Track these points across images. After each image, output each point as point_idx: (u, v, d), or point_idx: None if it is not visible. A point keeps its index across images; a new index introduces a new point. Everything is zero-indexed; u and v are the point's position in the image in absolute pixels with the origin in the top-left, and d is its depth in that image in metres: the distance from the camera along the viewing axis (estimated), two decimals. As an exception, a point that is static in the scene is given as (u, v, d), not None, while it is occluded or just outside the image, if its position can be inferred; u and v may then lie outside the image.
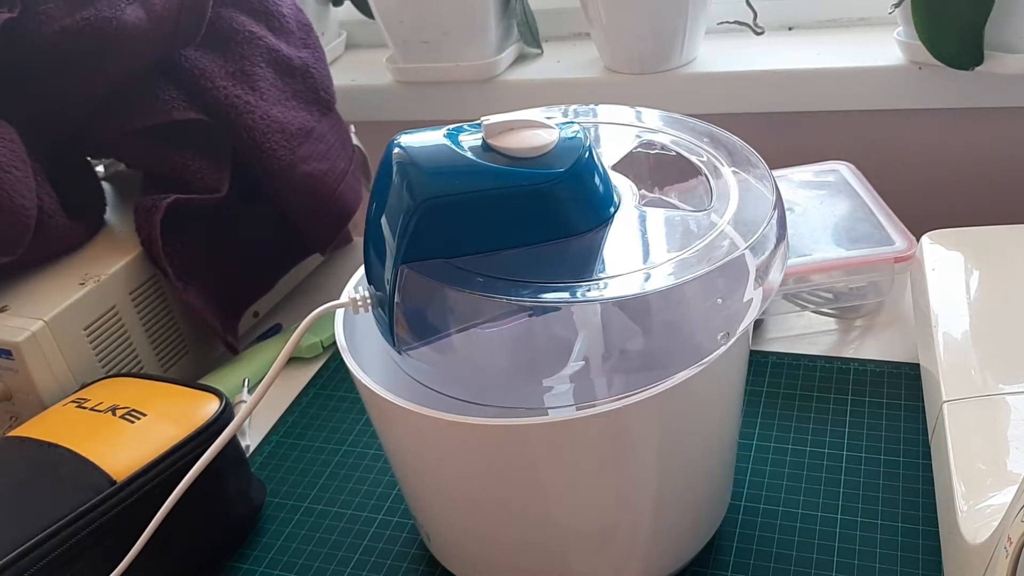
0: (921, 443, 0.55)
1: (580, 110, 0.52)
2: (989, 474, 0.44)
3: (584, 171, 0.40)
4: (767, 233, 0.42)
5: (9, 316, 0.60)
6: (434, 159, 0.39)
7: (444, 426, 0.40)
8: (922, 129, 0.81)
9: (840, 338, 0.66)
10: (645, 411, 0.39)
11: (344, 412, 0.67)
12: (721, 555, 0.50)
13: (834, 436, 0.57)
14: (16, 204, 0.60)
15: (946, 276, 0.58)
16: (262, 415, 0.68)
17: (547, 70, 0.91)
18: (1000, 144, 0.79)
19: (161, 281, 0.68)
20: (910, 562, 0.48)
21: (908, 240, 0.64)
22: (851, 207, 0.69)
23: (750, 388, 0.62)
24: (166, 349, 0.70)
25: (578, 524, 0.44)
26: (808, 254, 0.64)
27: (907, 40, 0.74)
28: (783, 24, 0.90)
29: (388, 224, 0.41)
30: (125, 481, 0.49)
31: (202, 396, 0.56)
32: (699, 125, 0.50)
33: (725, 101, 0.83)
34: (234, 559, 0.55)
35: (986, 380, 0.50)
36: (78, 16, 0.62)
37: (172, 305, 0.70)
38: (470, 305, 0.40)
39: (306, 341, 0.73)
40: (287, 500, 0.59)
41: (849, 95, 0.79)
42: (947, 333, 0.54)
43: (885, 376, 0.61)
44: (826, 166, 0.75)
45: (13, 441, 0.52)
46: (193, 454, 0.52)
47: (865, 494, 0.53)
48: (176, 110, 0.68)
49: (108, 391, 0.57)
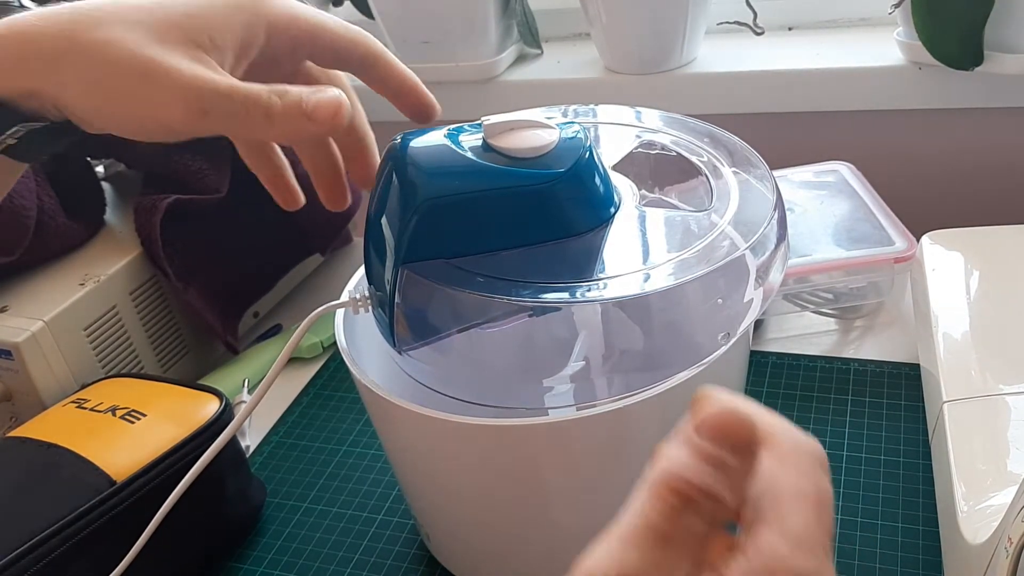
0: (921, 443, 0.55)
1: (580, 110, 0.52)
2: (989, 474, 0.44)
3: (584, 171, 0.39)
4: (767, 233, 0.42)
5: (9, 316, 0.60)
6: (434, 159, 0.39)
7: (444, 426, 0.40)
8: (922, 129, 0.81)
9: (840, 338, 0.66)
10: (645, 411, 0.39)
11: (344, 412, 0.67)
12: (721, 555, 0.50)
13: (834, 436, 0.57)
14: (16, 204, 0.60)
15: (946, 276, 0.58)
16: (262, 415, 0.68)
17: (547, 70, 0.91)
18: (1000, 144, 0.79)
19: (161, 281, 0.68)
20: (910, 562, 0.48)
21: (908, 240, 0.64)
22: (851, 207, 0.69)
23: (750, 388, 0.61)
24: (166, 349, 0.70)
25: (578, 524, 0.44)
26: (808, 254, 0.64)
27: (907, 40, 0.74)
28: (783, 24, 0.90)
29: (388, 224, 0.41)
30: (125, 481, 0.49)
31: (202, 396, 0.56)
32: (699, 125, 0.50)
33: (725, 101, 0.83)
34: (234, 559, 0.55)
35: (986, 380, 0.50)
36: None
37: (172, 305, 0.70)
38: (470, 305, 0.40)
39: (306, 341, 0.73)
40: (287, 500, 0.59)
41: (849, 95, 0.79)
42: (947, 333, 0.54)
43: (885, 376, 0.61)
44: (826, 166, 0.75)
45: (13, 441, 0.52)
46: (193, 454, 0.52)
47: (865, 494, 0.53)
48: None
49: (108, 391, 0.57)
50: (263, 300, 0.79)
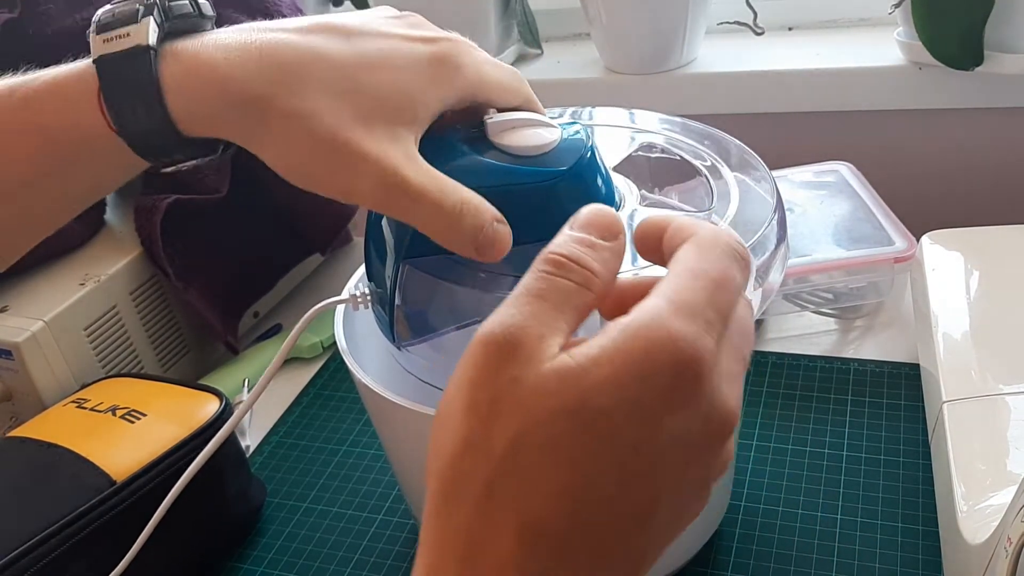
0: (921, 443, 0.55)
1: (578, 112, 0.52)
2: (989, 474, 0.44)
3: (586, 170, 0.39)
4: (767, 234, 0.42)
5: (9, 316, 0.60)
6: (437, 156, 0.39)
7: (444, 426, 0.40)
8: (922, 129, 0.81)
9: (840, 338, 0.66)
10: (645, 411, 0.39)
11: (344, 412, 0.67)
12: (721, 555, 0.50)
13: (834, 436, 0.57)
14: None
15: (946, 276, 0.58)
16: (262, 415, 0.68)
17: (547, 70, 0.91)
18: (1000, 144, 0.79)
19: (161, 281, 0.68)
20: (910, 562, 0.48)
21: (908, 240, 0.64)
22: (851, 207, 0.69)
23: (750, 388, 0.61)
24: (166, 349, 0.70)
25: (578, 524, 0.44)
26: (808, 254, 0.64)
27: (907, 40, 0.74)
28: (783, 24, 0.90)
29: (389, 221, 0.41)
30: (125, 481, 0.49)
31: (202, 396, 0.56)
32: (699, 127, 0.50)
33: (725, 101, 0.83)
34: (234, 559, 0.55)
35: (986, 380, 0.50)
36: (78, 16, 0.62)
37: (172, 305, 0.70)
38: (472, 301, 0.40)
39: (306, 341, 0.73)
40: (287, 500, 0.59)
41: (849, 95, 0.79)
42: (947, 333, 0.54)
43: (885, 376, 0.61)
44: (826, 166, 0.75)
45: (13, 441, 0.52)
46: (193, 454, 0.52)
47: (865, 494, 0.53)
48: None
49: (108, 391, 0.57)
50: (263, 300, 0.79)
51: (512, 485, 0.24)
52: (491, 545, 0.24)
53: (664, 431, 0.24)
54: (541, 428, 0.24)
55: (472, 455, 0.25)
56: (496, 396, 0.24)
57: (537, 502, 0.24)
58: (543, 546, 0.24)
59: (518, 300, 0.26)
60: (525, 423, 0.24)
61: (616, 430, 0.24)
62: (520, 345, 0.25)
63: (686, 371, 0.24)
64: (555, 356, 0.25)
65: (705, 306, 0.26)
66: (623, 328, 0.25)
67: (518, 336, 0.25)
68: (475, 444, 0.25)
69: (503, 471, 0.24)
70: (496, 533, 0.24)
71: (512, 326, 0.25)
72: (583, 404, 0.24)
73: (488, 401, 0.25)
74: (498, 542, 0.24)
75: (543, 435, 0.24)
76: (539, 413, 0.24)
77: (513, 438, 0.24)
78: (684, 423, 0.25)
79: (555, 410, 0.24)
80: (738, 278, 0.27)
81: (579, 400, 0.24)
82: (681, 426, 0.25)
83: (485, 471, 0.24)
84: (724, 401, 0.25)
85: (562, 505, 0.24)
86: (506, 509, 0.24)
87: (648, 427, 0.24)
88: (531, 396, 0.24)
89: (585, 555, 0.24)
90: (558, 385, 0.24)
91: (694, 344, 0.25)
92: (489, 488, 0.24)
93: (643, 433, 0.24)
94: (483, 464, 0.24)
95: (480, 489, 0.24)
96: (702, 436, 0.25)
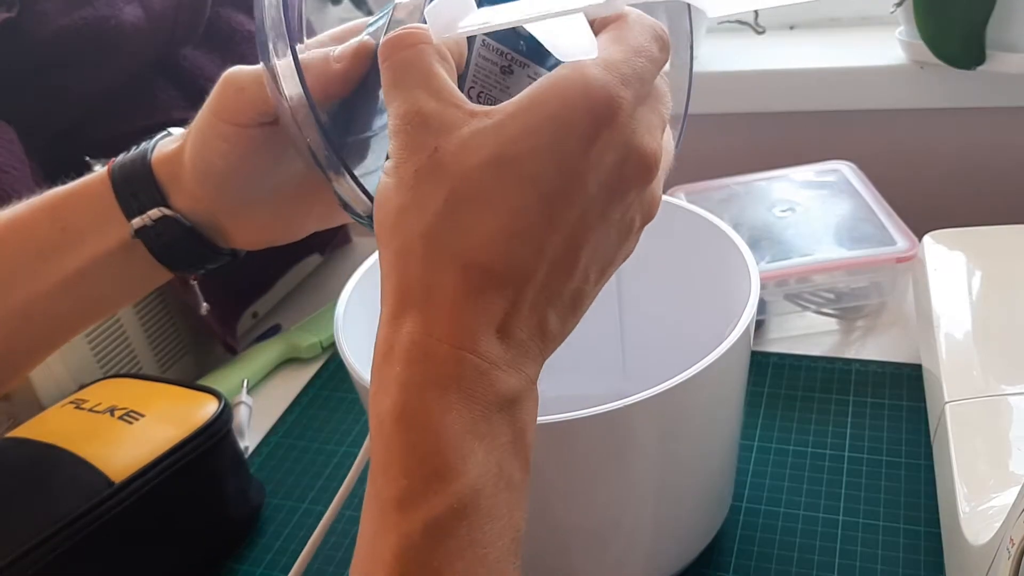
0: (923, 444, 0.55)
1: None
2: (991, 475, 0.44)
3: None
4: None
5: (8, 316, 0.60)
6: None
7: (444, 427, 0.40)
8: (924, 129, 0.81)
9: (842, 339, 0.66)
10: (645, 411, 0.39)
11: (344, 412, 0.66)
12: (722, 556, 0.50)
13: (836, 437, 0.57)
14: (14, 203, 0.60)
15: (948, 276, 0.58)
16: (262, 415, 0.67)
17: (547, 70, 0.90)
18: (1003, 144, 0.79)
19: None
20: (912, 563, 0.48)
21: (910, 240, 0.63)
22: (853, 207, 0.69)
23: (751, 389, 0.61)
24: (165, 350, 0.69)
25: (578, 524, 0.43)
26: (810, 254, 0.64)
27: (909, 39, 0.74)
28: (784, 23, 0.90)
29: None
30: (123, 482, 0.49)
31: (201, 397, 0.56)
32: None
33: (726, 100, 0.83)
34: (234, 559, 0.55)
35: (988, 381, 0.50)
36: (76, 15, 0.62)
37: (171, 305, 0.69)
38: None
39: (306, 341, 0.73)
40: (287, 500, 0.59)
41: (850, 94, 0.79)
42: (949, 334, 0.54)
43: (887, 377, 0.61)
44: (827, 166, 0.75)
45: (12, 442, 0.52)
46: (192, 455, 0.52)
47: (867, 495, 0.52)
48: (176, 109, 0.68)
49: (106, 392, 0.57)
50: (262, 300, 0.78)
51: (450, 234, 0.27)
52: (441, 288, 0.27)
53: (584, 169, 0.27)
54: (468, 183, 0.27)
55: (408, 217, 0.27)
56: (420, 167, 0.27)
57: (475, 244, 0.27)
58: (488, 284, 0.27)
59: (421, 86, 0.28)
60: (452, 183, 0.27)
61: (538, 171, 0.26)
62: (430, 118, 0.27)
63: (600, 109, 0.26)
64: (470, 120, 0.27)
65: (621, 63, 0.27)
66: (539, 82, 0.27)
67: (426, 112, 0.27)
68: (407, 208, 0.27)
69: (441, 225, 0.27)
70: (444, 276, 0.27)
71: (421, 107, 0.28)
72: (502, 153, 0.26)
73: (412, 174, 0.27)
74: (447, 283, 0.27)
75: (472, 189, 0.27)
76: (464, 171, 0.27)
77: (446, 197, 0.27)
78: (601, 160, 0.27)
79: (478, 165, 0.27)
80: (656, 52, 0.29)
81: (498, 150, 0.26)
82: (599, 164, 0.27)
83: (421, 227, 0.27)
84: (641, 143, 0.27)
85: (497, 246, 0.27)
86: (449, 254, 0.27)
87: (568, 165, 0.27)
88: (453, 160, 0.27)
89: (530, 291, 0.27)
90: (479, 142, 0.27)
91: (607, 87, 0.26)
92: (427, 240, 0.27)
93: (563, 171, 0.27)
94: (419, 222, 0.27)
95: (423, 242, 0.27)
96: (620, 176, 0.28)
